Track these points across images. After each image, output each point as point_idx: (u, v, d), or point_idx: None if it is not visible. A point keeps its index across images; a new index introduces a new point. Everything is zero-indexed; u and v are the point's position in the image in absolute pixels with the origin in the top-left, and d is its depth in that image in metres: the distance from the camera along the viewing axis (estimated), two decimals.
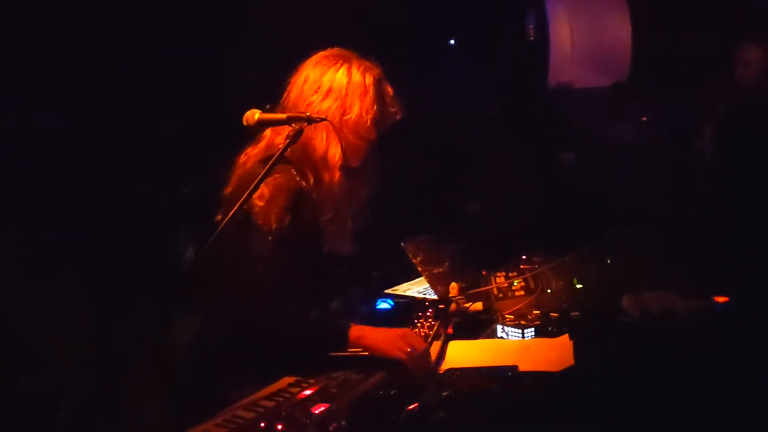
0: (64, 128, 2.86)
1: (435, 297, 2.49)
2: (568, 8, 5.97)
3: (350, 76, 1.92)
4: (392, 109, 1.98)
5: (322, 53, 1.99)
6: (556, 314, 2.11)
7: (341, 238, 1.99)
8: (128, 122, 2.95)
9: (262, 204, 1.80)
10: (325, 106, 1.89)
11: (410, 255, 2.53)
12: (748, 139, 3.36)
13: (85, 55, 2.86)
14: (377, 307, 2.35)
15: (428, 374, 1.75)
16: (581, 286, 2.25)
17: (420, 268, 2.52)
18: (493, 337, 2.04)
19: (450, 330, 2.08)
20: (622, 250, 2.33)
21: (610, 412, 1.68)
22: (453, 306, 2.26)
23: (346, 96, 1.91)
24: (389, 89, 1.99)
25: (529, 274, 2.41)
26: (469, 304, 2.28)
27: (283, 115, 1.78)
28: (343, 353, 1.81)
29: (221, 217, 1.85)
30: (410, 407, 1.50)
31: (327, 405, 1.51)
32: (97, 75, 2.90)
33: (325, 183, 1.92)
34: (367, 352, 1.79)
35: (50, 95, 2.82)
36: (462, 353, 1.93)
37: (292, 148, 1.74)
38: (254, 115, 1.80)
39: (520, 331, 2.01)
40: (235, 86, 3.14)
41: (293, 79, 1.97)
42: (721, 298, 2.06)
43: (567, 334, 1.96)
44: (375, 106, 1.93)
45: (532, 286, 2.34)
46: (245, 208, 1.67)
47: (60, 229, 2.76)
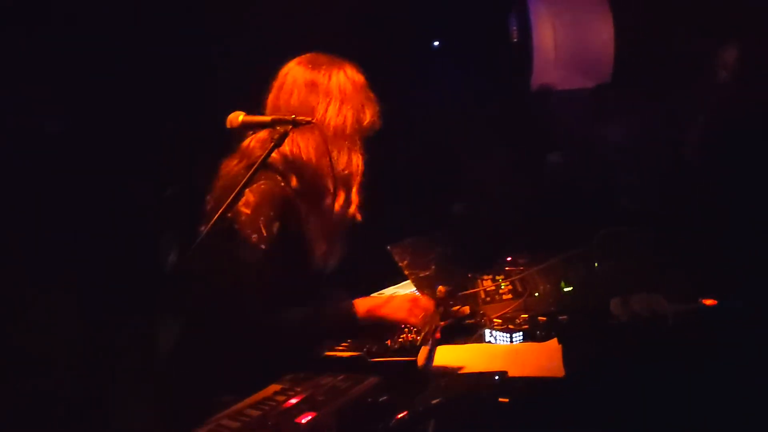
0: (59, 128, 2.84)
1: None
2: (551, 10, 5.98)
3: (350, 80, 1.94)
4: (377, 112, 2.01)
5: (310, 56, 1.98)
6: (544, 318, 2.09)
7: (329, 249, 1.99)
8: (118, 124, 2.93)
9: (248, 212, 1.78)
10: (321, 109, 1.90)
11: (396, 258, 2.51)
12: (734, 140, 3.37)
13: (85, 55, 2.84)
14: None
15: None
16: (569, 289, 2.24)
17: (406, 272, 2.50)
18: (482, 342, 2.02)
19: (438, 335, 2.05)
20: (609, 253, 2.32)
21: (601, 417, 1.66)
22: (440, 310, 2.23)
23: (344, 99, 1.92)
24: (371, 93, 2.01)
25: (516, 277, 2.40)
26: (457, 307, 2.25)
27: (268, 118, 1.75)
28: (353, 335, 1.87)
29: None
30: (400, 415, 1.47)
31: (314, 414, 1.47)
32: (97, 75, 2.88)
33: (315, 191, 1.91)
34: (381, 323, 1.88)
35: (50, 95, 2.81)
36: (450, 358, 1.91)
37: (280, 153, 1.76)
38: (238, 117, 1.77)
39: (508, 335, 1.99)
40: (223, 88, 3.12)
41: (281, 83, 1.96)
42: (710, 301, 2.05)
43: (556, 338, 1.94)
44: (367, 110, 1.97)
45: (520, 289, 2.32)
46: (230, 216, 1.68)
47: (56, 230, 2.75)
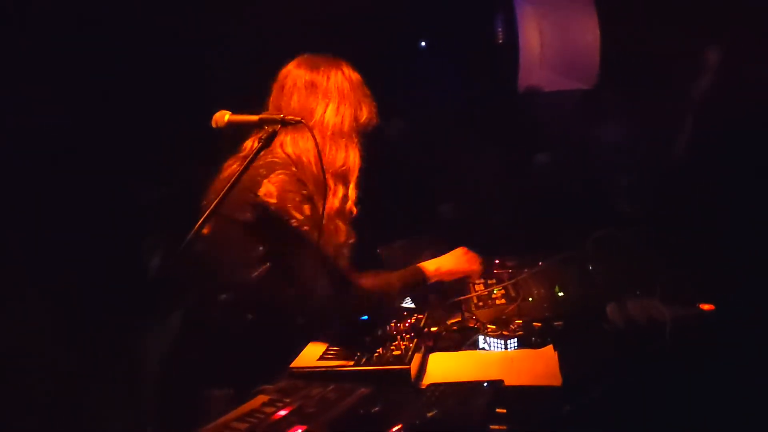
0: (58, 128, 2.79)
1: (413, 306, 2.42)
2: (537, 11, 5.97)
3: (347, 80, 1.99)
4: (374, 109, 2.06)
5: (308, 57, 2.02)
6: (539, 324, 2.04)
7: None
8: (113, 124, 2.88)
9: (274, 201, 1.84)
10: (321, 110, 1.95)
11: (386, 261, 2.45)
12: (724, 140, 3.34)
13: (85, 55, 2.84)
14: None
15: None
16: (563, 293, 2.19)
17: None
18: (475, 349, 1.97)
19: (430, 341, 1.99)
20: (603, 255, 2.28)
21: (600, 427, 1.61)
22: (433, 315, 2.18)
23: (342, 99, 1.97)
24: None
25: (508, 282, 2.35)
26: (449, 313, 2.20)
27: (255, 117, 1.69)
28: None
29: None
30: (394, 428, 1.41)
31: (304, 427, 1.41)
32: (95, 75, 2.88)
33: (317, 189, 1.93)
34: (448, 278, 2.12)
35: (50, 95, 2.80)
36: (444, 366, 1.85)
37: (283, 153, 1.87)
38: (224, 116, 1.71)
39: (502, 342, 1.94)
40: (215, 88, 3.08)
41: (281, 84, 2.00)
42: (707, 306, 2.02)
43: (551, 345, 1.89)
44: (364, 107, 2.02)
45: (513, 294, 2.28)
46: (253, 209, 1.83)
47: (53, 230, 2.74)
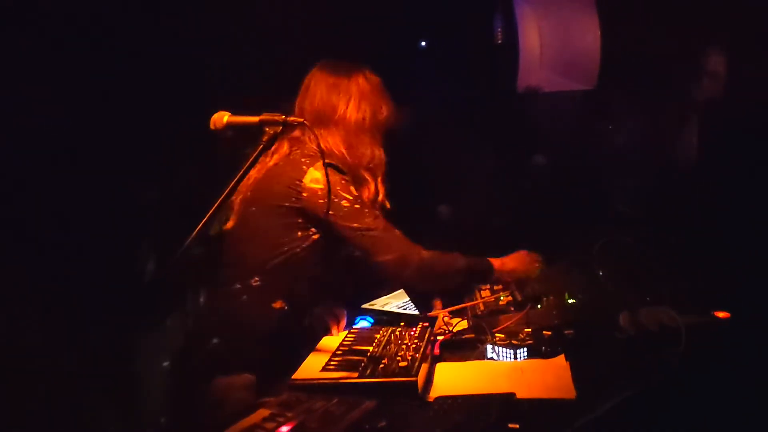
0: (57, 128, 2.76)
1: (416, 312, 2.35)
2: (536, 11, 5.91)
3: (368, 81, 2.10)
4: (393, 109, 2.18)
5: (331, 62, 2.13)
6: (549, 332, 1.97)
7: None
8: (110, 124, 2.84)
9: (322, 186, 1.93)
10: (343, 106, 2.05)
11: None
12: (724, 145, 3.29)
13: (85, 55, 2.81)
14: (356, 325, 2.18)
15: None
16: (573, 301, 2.12)
17: None
18: (483, 358, 1.89)
19: (437, 351, 1.92)
20: (612, 261, 2.21)
21: None
22: (438, 323, 2.11)
23: (362, 97, 2.07)
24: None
25: (515, 288, 2.28)
26: (456, 321, 2.13)
27: (256, 118, 1.63)
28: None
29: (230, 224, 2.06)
30: None
31: None
32: (95, 75, 2.84)
33: (355, 178, 2.07)
34: (509, 277, 2.20)
35: (50, 95, 2.75)
36: (451, 377, 1.78)
37: (316, 147, 1.94)
38: (223, 118, 1.65)
39: (512, 351, 1.87)
40: (216, 89, 3.04)
41: (306, 87, 2.10)
42: (722, 314, 1.95)
43: (563, 355, 1.83)
44: (384, 106, 2.13)
45: (520, 300, 2.21)
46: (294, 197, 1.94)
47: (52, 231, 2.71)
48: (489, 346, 1.91)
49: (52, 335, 2.57)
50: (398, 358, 1.76)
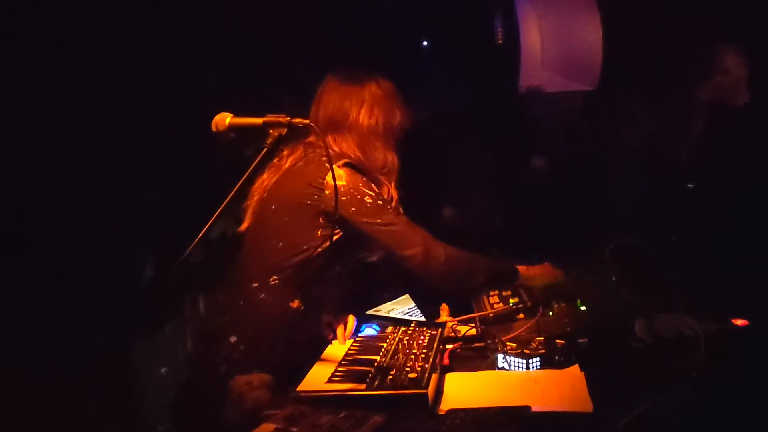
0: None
1: (423, 319, 2.29)
2: (537, 11, 5.86)
3: (381, 88, 2.08)
4: (407, 115, 2.14)
5: (346, 70, 2.12)
6: (562, 341, 1.91)
7: None
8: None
9: (344, 183, 1.93)
10: (355, 111, 2.04)
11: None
12: (732, 148, 3.23)
13: (86, 55, 2.80)
14: (362, 332, 2.11)
15: None
16: (585, 308, 2.06)
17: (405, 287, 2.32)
18: (494, 368, 1.83)
19: (446, 360, 1.86)
20: (625, 266, 2.14)
21: None
22: (446, 331, 2.04)
23: (375, 103, 2.06)
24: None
25: (525, 294, 2.21)
26: (466, 329, 2.06)
27: (259, 120, 1.56)
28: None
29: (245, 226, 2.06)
30: None
31: None
32: (94, 75, 2.82)
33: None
34: (531, 283, 2.16)
35: (50, 95, 2.73)
36: (462, 388, 1.72)
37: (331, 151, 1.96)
38: (225, 119, 1.58)
39: (524, 360, 1.80)
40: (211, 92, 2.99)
41: (320, 93, 2.09)
42: (741, 321, 1.89)
43: (577, 365, 1.76)
44: (397, 112, 2.10)
45: (530, 305, 2.14)
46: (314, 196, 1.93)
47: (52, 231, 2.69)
48: (500, 356, 1.84)
49: (52, 340, 2.54)
50: (407, 368, 1.69)
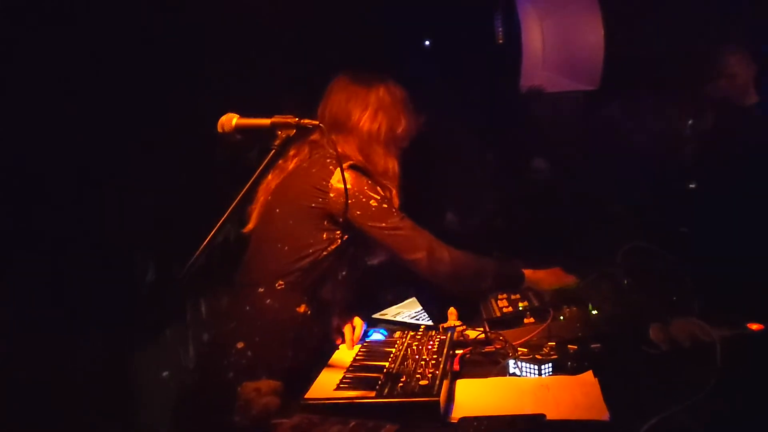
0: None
1: (431, 323, 2.25)
2: (538, 11, 5.83)
3: (389, 93, 2.05)
4: (414, 123, 2.12)
5: (355, 71, 2.10)
6: (575, 346, 1.87)
7: None
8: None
9: (350, 186, 1.89)
10: (357, 114, 2.01)
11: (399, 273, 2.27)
12: (737, 151, 3.19)
13: (87, 54, 2.74)
14: (369, 337, 2.07)
15: None
16: (597, 312, 2.02)
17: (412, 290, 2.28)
18: (505, 374, 1.79)
19: (456, 366, 1.82)
20: (637, 270, 2.10)
21: None
22: (455, 335, 2.00)
23: (380, 108, 2.02)
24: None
25: (534, 298, 2.18)
26: (476, 333, 2.02)
27: (267, 121, 1.52)
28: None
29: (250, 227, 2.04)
30: None
31: None
32: (94, 75, 2.76)
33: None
34: (534, 286, 2.13)
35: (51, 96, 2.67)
36: (473, 395, 1.68)
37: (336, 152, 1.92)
38: (231, 120, 1.54)
39: (535, 366, 1.76)
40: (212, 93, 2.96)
41: (327, 93, 2.07)
42: (756, 326, 1.85)
43: (591, 371, 1.72)
44: (403, 120, 2.07)
45: (537, 305, 2.11)
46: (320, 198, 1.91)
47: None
48: (511, 361, 1.80)
49: (54, 343, 2.50)
50: (417, 375, 1.65)
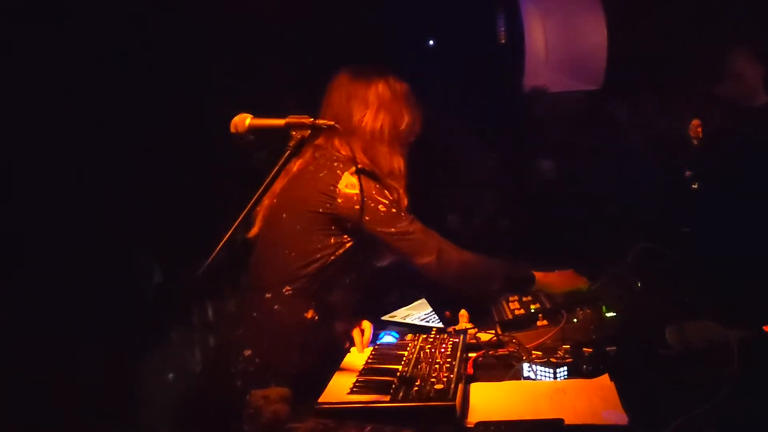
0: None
1: (441, 325, 2.23)
2: (541, 11, 5.82)
3: (390, 89, 1.99)
4: (416, 118, 2.05)
5: (356, 66, 2.04)
6: (590, 349, 1.85)
7: None
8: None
9: (358, 192, 1.85)
10: (359, 114, 1.95)
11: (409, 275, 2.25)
12: (742, 150, 3.17)
13: (88, 54, 2.77)
14: (380, 340, 2.05)
15: None
16: (611, 314, 2.00)
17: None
18: (520, 378, 1.77)
19: (470, 369, 1.80)
20: (649, 272, 2.09)
21: None
22: (468, 338, 1.98)
23: (381, 106, 1.96)
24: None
25: (546, 300, 2.16)
26: (488, 336, 2.00)
27: (282, 121, 1.50)
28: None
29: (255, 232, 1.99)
30: None
31: None
32: (94, 75, 2.79)
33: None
34: (545, 289, 2.09)
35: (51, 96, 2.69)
36: (488, 399, 1.65)
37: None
38: (245, 120, 1.52)
39: (551, 370, 1.74)
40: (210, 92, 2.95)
41: (329, 91, 2.02)
42: None
43: (607, 374, 1.70)
44: (405, 116, 2.01)
45: (548, 307, 2.09)
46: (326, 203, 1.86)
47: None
48: (525, 365, 1.78)
49: (54, 343, 2.51)
50: (432, 379, 1.63)
